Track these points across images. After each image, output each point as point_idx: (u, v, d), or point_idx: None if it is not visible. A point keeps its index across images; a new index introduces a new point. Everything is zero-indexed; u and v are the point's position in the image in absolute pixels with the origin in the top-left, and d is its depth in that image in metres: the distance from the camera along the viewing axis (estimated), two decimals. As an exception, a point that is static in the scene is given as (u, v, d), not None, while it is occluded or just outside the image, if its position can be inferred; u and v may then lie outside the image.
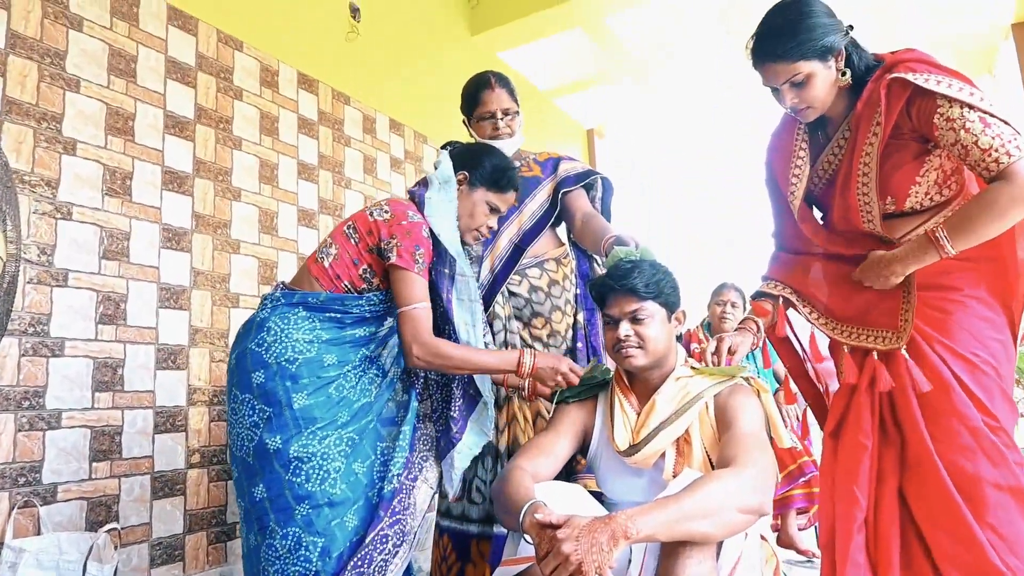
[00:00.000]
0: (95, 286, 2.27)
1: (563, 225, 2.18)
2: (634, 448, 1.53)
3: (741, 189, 8.48)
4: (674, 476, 1.46)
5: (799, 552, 3.09)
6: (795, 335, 1.81)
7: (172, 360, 2.48)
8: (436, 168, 1.75)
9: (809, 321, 1.72)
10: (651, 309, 1.56)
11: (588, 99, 6.06)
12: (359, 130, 3.53)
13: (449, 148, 1.86)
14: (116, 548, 2.13)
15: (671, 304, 1.61)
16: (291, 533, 1.41)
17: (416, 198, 1.70)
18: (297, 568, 1.39)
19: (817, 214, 1.73)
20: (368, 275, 1.60)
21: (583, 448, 1.68)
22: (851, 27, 1.50)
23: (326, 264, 1.60)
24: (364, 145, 3.55)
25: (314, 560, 1.39)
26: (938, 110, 1.39)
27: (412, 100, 3.92)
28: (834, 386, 1.73)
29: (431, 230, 1.63)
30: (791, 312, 1.79)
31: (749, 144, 7.20)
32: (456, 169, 1.74)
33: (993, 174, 1.34)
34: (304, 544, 1.40)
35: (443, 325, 1.67)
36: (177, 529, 2.42)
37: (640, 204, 7.90)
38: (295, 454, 1.44)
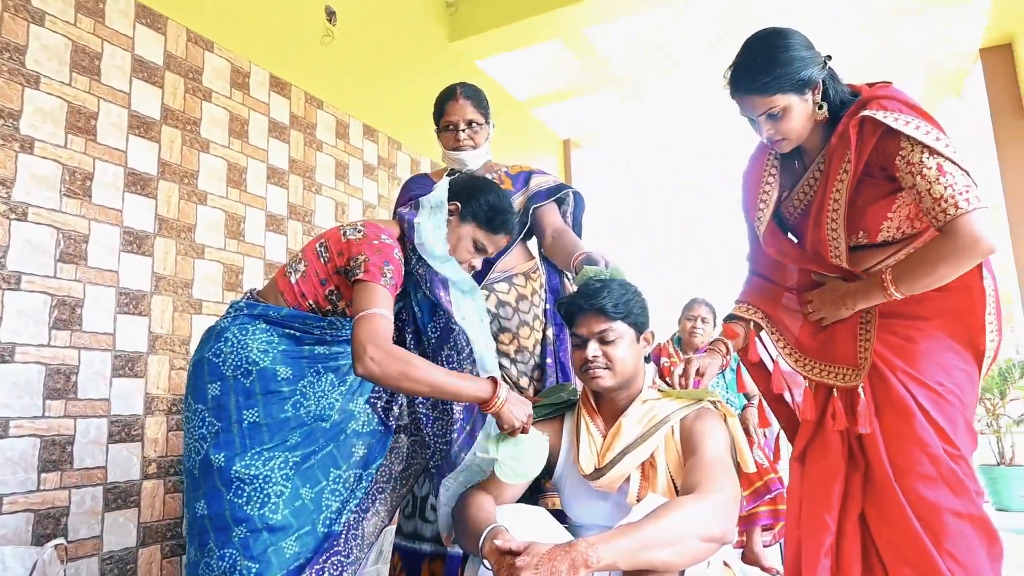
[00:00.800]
0: (49, 290, 2.20)
1: (533, 239, 2.17)
2: (599, 472, 1.51)
3: (718, 202, 8.57)
4: (638, 500, 1.45)
5: (764, 569, 3.10)
6: (769, 357, 1.82)
7: (129, 367, 2.41)
8: (430, 197, 1.72)
9: (776, 348, 1.72)
10: (620, 330, 1.55)
11: (566, 110, 6.08)
12: (332, 135, 3.49)
13: (455, 176, 1.83)
14: (63, 563, 2.05)
15: (640, 325, 1.60)
16: (227, 555, 1.38)
17: (404, 221, 1.66)
18: None
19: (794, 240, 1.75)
20: (334, 297, 1.56)
21: (548, 469, 1.64)
22: (829, 58, 1.50)
23: (293, 280, 1.55)
24: (336, 150, 3.50)
25: None
26: (900, 151, 1.40)
27: (387, 106, 3.89)
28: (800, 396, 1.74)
29: (419, 256, 1.60)
30: (763, 335, 1.80)
31: (726, 158, 7.29)
32: (451, 198, 1.71)
33: (940, 224, 1.36)
34: (238, 568, 1.36)
35: (439, 350, 1.62)
36: (130, 542, 2.35)
37: (622, 212, 7.93)
38: (237, 474, 1.39)
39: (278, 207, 3.11)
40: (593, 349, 1.53)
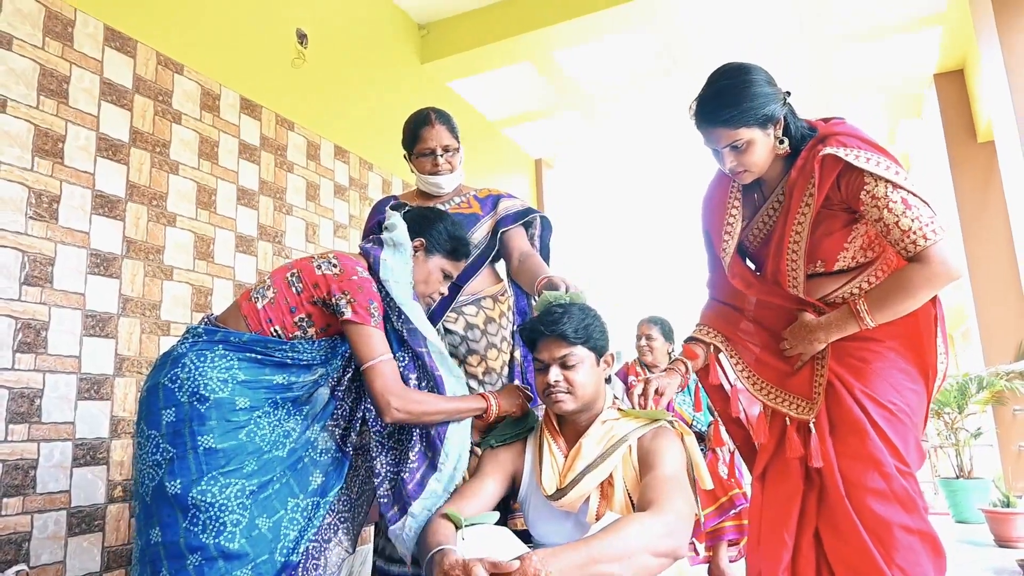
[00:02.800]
0: (14, 312, 2.19)
1: (501, 262, 2.21)
2: (560, 492, 1.54)
3: (682, 222, 8.74)
4: (597, 518, 1.47)
5: (729, 585, 3.15)
6: (728, 380, 1.86)
7: (96, 390, 2.40)
8: (387, 228, 1.73)
9: (734, 372, 1.77)
10: (580, 354, 1.58)
11: (537, 130, 6.20)
12: (303, 156, 3.51)
13: (402, 211, 1.84)
14: (24, 590, 2.03)
15: (600, 348, 1.63)
16: None
17: (370, 258, 1.67)
18: None
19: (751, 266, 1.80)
20: (304, 323, 1.58)
21: (513, 491, 1.68)
22: (788, 93, 1.56)
23: (259, 305, 1.57)
24: (307, 171, 3.53)
25: None
26: (865, 187, 1.45)
27: (359, 127, 3.92)
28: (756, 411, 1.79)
29: (386, 291, 1.63)
30: (723, 357, 1.85)
31: (690, 179, 7.44)
32: (412, 234, 1.73)
33: (910, 254, 1.43)
34: None
35: (407, 379, 1.66)
36: (94, 567, 2.33)
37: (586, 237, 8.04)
38: (193, 500, 1.38)
39: (248, 228, 3.12)
40: (555, 374, 1.57)
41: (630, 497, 1.53)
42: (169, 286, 2.71)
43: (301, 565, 1.48)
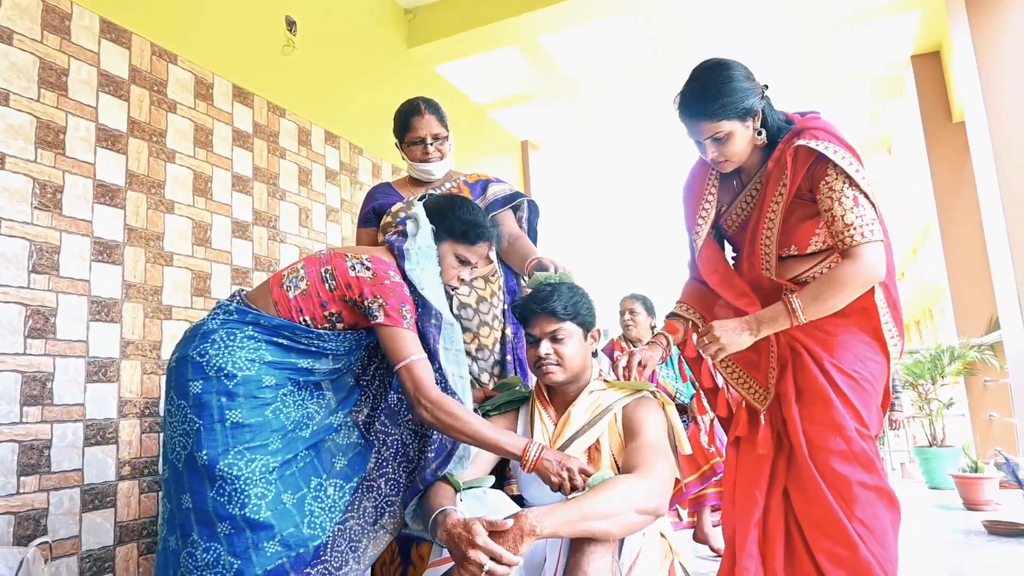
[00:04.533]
0: (24, 300, 2.28)
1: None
2: None
3: (666, 204, 8.87)
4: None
5: (712, 550, 3.32)
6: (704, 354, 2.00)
7: (103, 373, 2.50)
8: (411, 217, 1.77)
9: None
10: (569, 329, 1.72)
11: (523, 113, 6.26)
12: (294, 142, 3.59)
13: (424, 200, 1.86)
14: (47, 561, 2.14)
15: (587, 324, 1.76)
16: (212, 548, 1.43)
17: (395, 250, 1.71)
18: None
19: (731, 251, 1.93)
20: (333, 319, 1.63)
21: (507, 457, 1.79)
22: (766, 87, 1.69)
23: (291, 294, 1.61)
24: (299, 157, 3.61)
25: None
26: (826, 178, 1.59)
27: (348, 112, 4.00)
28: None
29: (412, 284, 1.65)
30: None
31: (672, 162, 7.54)
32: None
33: (845, 247, 1.57)
34: (222, 562, 1.42)
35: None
36: (108, 541, 2.44)
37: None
38: (220, 472, 1.44)
39: (243, 214, 3.21)
40: (545, 347, 1.70)
41: (615, 461, 1.65)
42: (170, 272, 2.80)
43: (330, 545, 1.53)
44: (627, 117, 6.53)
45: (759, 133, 1.67)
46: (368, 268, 1.62)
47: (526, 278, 2.05)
